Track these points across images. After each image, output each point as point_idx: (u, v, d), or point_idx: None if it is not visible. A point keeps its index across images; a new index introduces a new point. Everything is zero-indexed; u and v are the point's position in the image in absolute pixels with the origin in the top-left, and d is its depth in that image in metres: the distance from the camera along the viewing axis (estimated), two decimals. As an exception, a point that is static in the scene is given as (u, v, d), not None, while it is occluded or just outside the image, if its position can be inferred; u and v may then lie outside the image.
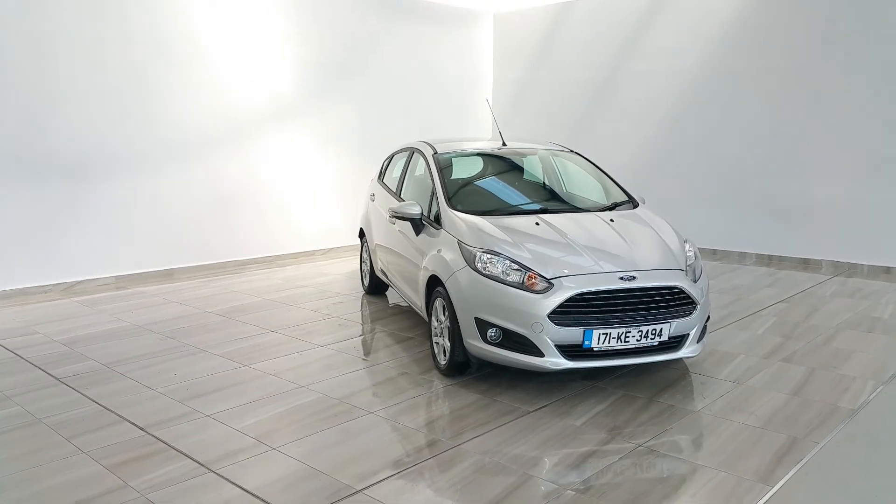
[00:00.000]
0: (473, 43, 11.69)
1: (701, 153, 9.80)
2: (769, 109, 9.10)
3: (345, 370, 5.03)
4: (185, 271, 8.43)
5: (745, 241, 9.50)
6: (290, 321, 6.32)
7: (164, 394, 4.57)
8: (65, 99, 7.37)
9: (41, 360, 5.26)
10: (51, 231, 7.40)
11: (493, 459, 3.64)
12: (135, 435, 3.95)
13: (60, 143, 7.38)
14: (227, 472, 3.51)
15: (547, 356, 4.27)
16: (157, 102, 8.07)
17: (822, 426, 4.04)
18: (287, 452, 3.72)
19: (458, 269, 4.63)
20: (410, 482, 3.40)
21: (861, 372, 4.93)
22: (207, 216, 8.62)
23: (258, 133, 9.03)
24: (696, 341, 4.56)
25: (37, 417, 4.19)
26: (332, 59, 9.71)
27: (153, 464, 3.60)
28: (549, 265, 4.40)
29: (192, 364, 5.17)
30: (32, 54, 7.11)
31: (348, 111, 9.96)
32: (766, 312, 6.61)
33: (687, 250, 4.87)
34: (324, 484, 3.38)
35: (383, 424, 4.09)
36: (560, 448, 3.77)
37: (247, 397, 4.50)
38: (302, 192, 9.56)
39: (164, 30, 8.03)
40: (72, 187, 7.49)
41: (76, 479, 3.43)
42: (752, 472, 3.51)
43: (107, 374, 4.96)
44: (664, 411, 4.27)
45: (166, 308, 6.83)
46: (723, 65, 9.45)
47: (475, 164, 6.03)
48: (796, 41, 8.80)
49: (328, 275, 8.45)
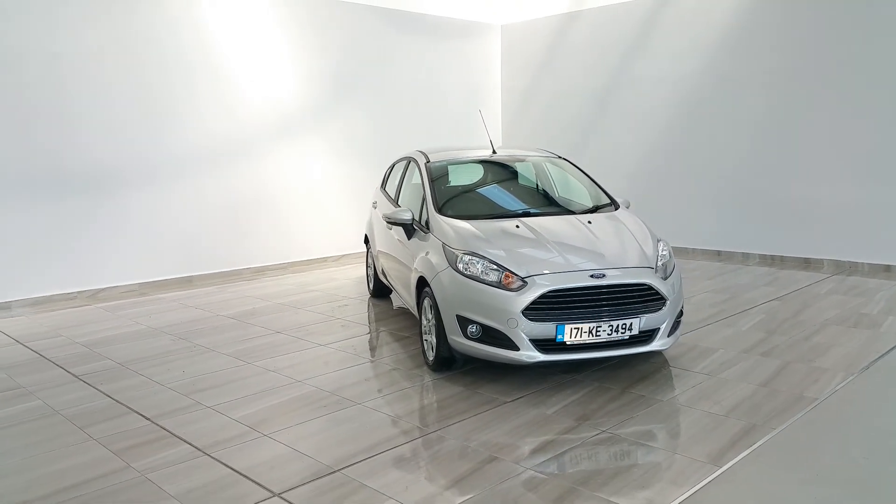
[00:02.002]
0: (481, 54, 12.02)
1: (704, 157, 9.98)
2: (770, 113, 9.26)
3: (340, 366, 5.36)
4: (203, 278, 8.87)
5: (748, 242, 9.65)
6: (296, 323, 6.68)
7: (172, 388, 4.95)
8: (87, 115, 7.86)
9: (63, 359, 5.68)
10: (76, 241, 7.88)
11: (464, 444, 3.93)
12: (141, 424, 4.32)
13: (85, 157, 7.86)
14: (220, 455, 3.85)
15: (522, 350, 4.55)
16: (174, 117, 8.53)
17: (782, 414, 4.25)
18: (276, 438, 4.05)
19: (441, 270, 4.94)
20: (383, 463, 3.71)
21: (834, 364, 5.11)
22: (224, 225, 9.06)
23: (271, 144, 9.46)
24: (666, 335, 4.80)
25: (54, 409, 4.59)
26: (343, 71, 10.11)
27: (154, 449, 3.96)
28: (524, 264, 4.69)
29: (200, 362, 5.54)
30: (53, 73, 7.61)
31: (359, 122, 10.35)
32: (756, 310, 6.79)
33: (661, 249, 5.10)
34: (305, 465, 3.70)
35: (368, 414, 4.41)
36: (527, 434, 4.05)
37: (246, 391, 4.85)
38: (314, 201, 9.95)
39: (178, 45, 8.50)
40: (95, 199, 7.97)
41: (84, 462, 3.81)
42: (706, 454, 3.74)
43: (121, 371, 5.36)
44: (634, 401, 4.52)
45: (182, 312, 7.24)
46: (724, 70, 9.63)
47: (466, 172, 6.34)
48: (795, 44, 8.96)
49: (338, 280, 8.82)
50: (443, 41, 11.37)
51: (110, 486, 3.52)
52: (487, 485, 3.44)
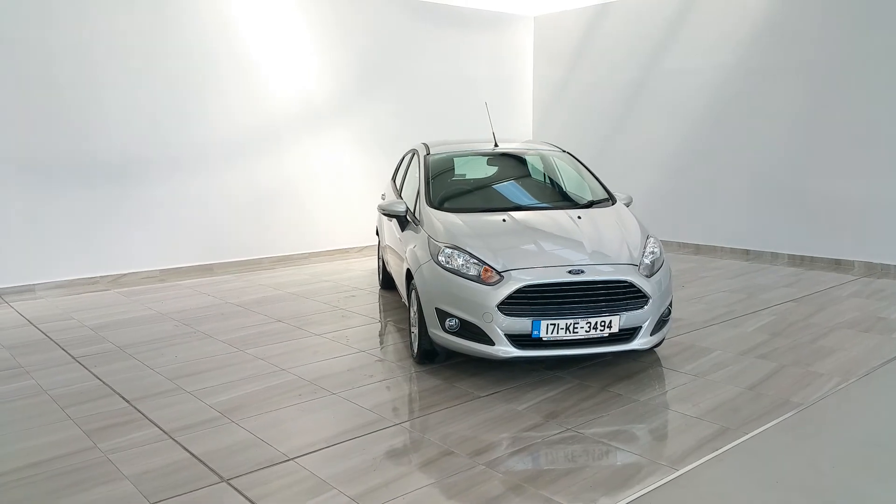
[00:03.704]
0: (512, 46, 11.91)
1: (734, 153, 9.68)
2: (804, 107, 8.92)
3: (328, 356, 5.40)
4: (223, 266, 9.05)
5: (777, 242, 9.32)
6: (299, 312, 6.76)
7: (160, 373, 5.07)
8: (115, 106, 8.09)
9: (66, 342, 5.88)
10: (100, 228, 8.13)
11: (424, 437, 3.92)
12: (120, 406, 4.44)
13: (111, 147, 8.11)
14: (184, 439, 3.92)
15: (497, 345, 4.51)
16: (201, 109, 8.72)
17: (760, 418, 4.10)
18: (242, 425, 4.11)
19: (423, 263, 4.93)
20: (338, 454, 3.72)
21: (831, 369, 4.90)
22: (247, 215, 9.22)
23: (296, 136, 9.57)
24: (649, 333, 4.67)
25: (43, 389, 4.75)
26: (369, 63, 10.15)
27: (124, 430, 4.06)
28: (502, 258, 4.63)
29: (195, 348, 5.66)
30: (82, 66, 7.85)
31: (386, 114, 10.38)
32: (768, 311, 6.57)
33: (650, 246, 4.97)
34: (261, 452, 3.75)
35: (340, 404, 4.43)
36: (491, 429, 4.00)
37: (228, 378, 4.93)
38: (338, 193, 10.03)
39: (204, 38, 8.67)
40: (120, 187, 8.21)
41: (54, 441, 3.93)
42: (667, 456, 3.64)
43: (118, 355, 5.52)
44: (609, 400, 4.43)
45: (194, 299, 7.41)
46: (757, 63, 9.31)
47: (464, 165, 6.30)
48: (829, 37, 8.60)
49: (353, 271, 8.88)
50: (473, 33, 11.30)
51: (71, 465, 3.63)
52: (433, 479, 3.42)
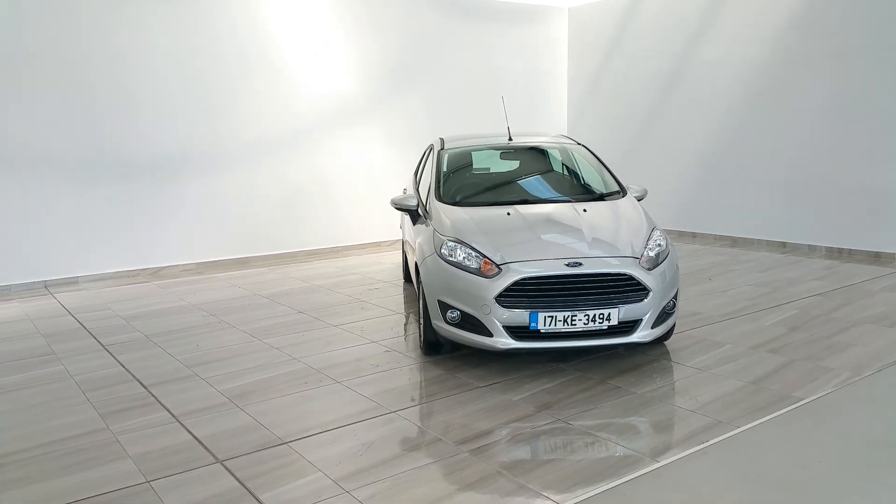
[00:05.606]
0: (547, 38, 11.87)
1: (770, 143, 9.47)
2: (841, 96, 8.67)
3: (340, 346, 5.55)
4: (258, 259, 9.34)
5: (814, 234, 9.10)
6: (321, 304, 6.95)
7: (180, 360, 5.31)
8: (149, 107, 8.44)
9: (98, 330, 6.20)
10: (141, 223, 8.51)
11: (417, 424, 4.03)
12: (137, 392, 4.68)
13: (149, 144, 8.47)
14: (190, 423, 4.13)
15: (495, 336, 4.58)
16: (233, 109, 9.01)
17: (756, 413, 4.06)
18: (246, 410, 4.29)
19: (427, 256, 5.03)
20: (329, 439, 3.86)
21: (842, 365, 4.81)
22: (280, 210, 9.49)
23: (328, 132, 9.78)
24: (650, 326, 4.67)
25: (70, 374, 5.04)
26: (399, 59, 10.29)
27: (137, 414, 4.29)
28: (501, 251, 4.70)
29: (216, 337, 5.90)
30: (117, 70, 8.21)
31: (418, 109, 10.50)
32: (791, 305, 6.45)
33: (655, 239, 4.95)
34: (259, 436, 3.92)
35: (342, 392, 4.58)
36: (482, 419, 4.08)
37: (242, 366, 5.14)
38: (369, 187, 10.20)
39: (236, 40, 8.95)
40: (158, 185, 8.57)
41: (71, 422, 4.19)
42: (651, 448, 3.67)
43: (144, 343, 5.79)
44: (606, 392, 4.45)
45: (225, 291, 7.68)
46: (793, 51, 9.09)
47: (478, 159, 6.36)
48: (867, 24, 8.33)
49: (382, 264, 9.04)
50: (507, 26, 11.32)
51: (82, 444, 3.87)
52: (415, 465, 3.52)
